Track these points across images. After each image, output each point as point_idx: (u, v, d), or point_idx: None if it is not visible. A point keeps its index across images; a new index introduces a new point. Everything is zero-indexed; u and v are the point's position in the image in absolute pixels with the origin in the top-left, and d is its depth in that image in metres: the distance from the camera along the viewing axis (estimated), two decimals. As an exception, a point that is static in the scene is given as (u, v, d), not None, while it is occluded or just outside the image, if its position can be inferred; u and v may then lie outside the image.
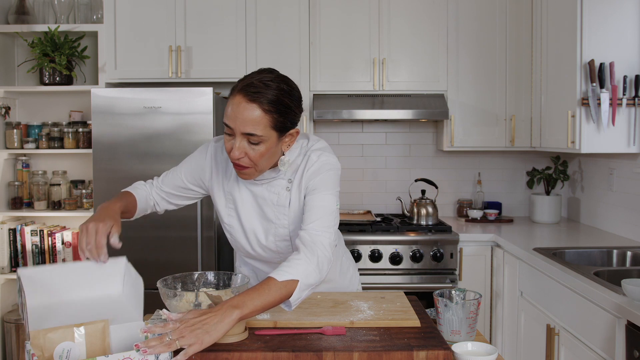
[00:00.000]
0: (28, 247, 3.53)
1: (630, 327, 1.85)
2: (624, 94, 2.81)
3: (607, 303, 1.97)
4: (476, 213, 3.68)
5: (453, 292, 1.50)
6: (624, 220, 3.08)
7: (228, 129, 1.53)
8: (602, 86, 2.80)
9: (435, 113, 3.44)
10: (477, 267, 3.28)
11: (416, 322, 1.47)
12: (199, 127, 3.14)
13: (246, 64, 3.46)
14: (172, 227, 3.16)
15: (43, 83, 3.59)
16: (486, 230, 3.40)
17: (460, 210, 3.88)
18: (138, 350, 1.17)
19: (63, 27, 3.51)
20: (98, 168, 3.20)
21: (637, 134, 2.84)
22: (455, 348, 1.32)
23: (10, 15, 3.60)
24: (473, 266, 3.28)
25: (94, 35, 3.61)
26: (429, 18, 3.54)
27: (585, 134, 2.87)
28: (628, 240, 2.98)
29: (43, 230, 3.54)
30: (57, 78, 3.57)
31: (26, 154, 3.76)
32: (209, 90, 3.15)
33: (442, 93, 3.56)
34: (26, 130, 3.67)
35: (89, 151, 3.46)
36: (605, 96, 2.79)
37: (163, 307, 1.60)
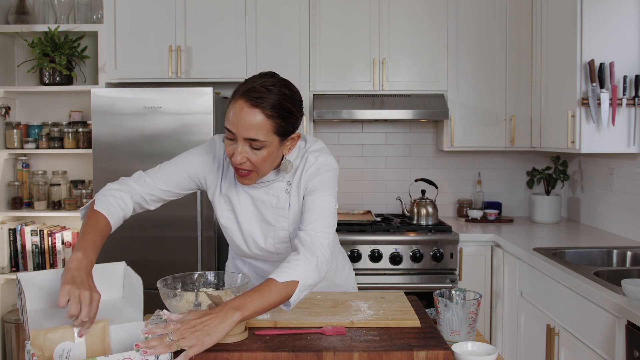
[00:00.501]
0: (28, 247, 3.53)
1: (630, 327, 1.85)
2: (624, 94, 2.81)
3: (607, 303, 1.97)
4: (476, 213, 3.68)
5: (453, 292, 1.50)
6: (624, 220, 3.07)
7: (230, 134, 1.52)
8: (602, 86, 2.80)
9: (435, 113, 3.44)
10: (477, 267, 3.28)
11: (416, 322, 1.47)
12: (199, 127, 3.14)
13: (246, 64, 3.46)
14: (172, 227, 3.16)
15: (43, 83, 3.59)
16: (486, 230, 3.40)
17: (460, 210, 3.88)
18: (138, 350, 1.17)
19: (63, 27, 3.51)
20: (98, 168, 3.20)
21: (637, 134, 2.84)
22: (455, 348, 1.32)
23: (10, 15, 3.60)
24: (473, 266, 3.28)
25: (94, 35, 3.61)
26: (429, 18, 3.54)
27: (585, 134, 2.87)
28: (628, 240, 2.98)
29: (43, 230, 3.54)
30: (57, 78, 3.57)
31: (26, 154, 3.76)
32: (209, 90, 3.15)
33: (442, 93, 3.56)
34: (26, 130, 3.67)
35: (89, 151, 3.46)
36: (605, 96, 2.79)
37: (163, 307, 1.60)
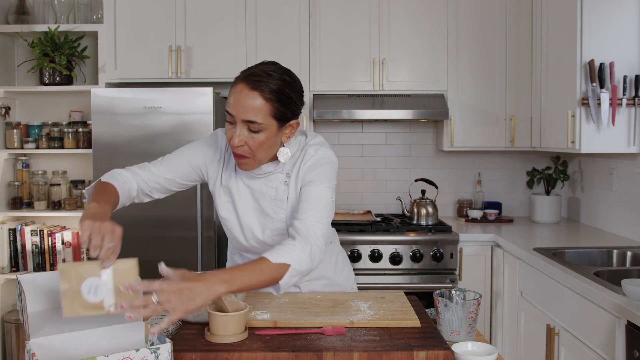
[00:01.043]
0: (28, 247, 3.53)
1: (630, 327, 1.85)
2: (624, 94, 2.81)
3: (607, 303, 1.97)
4: (476, 213, 3.68)
5: (453, 292, 1.50)
6: (624, 220, 3.07)
7: (229, 117, 1.55)
8: (602, 86, 2.80)
9: (435, 113, 3.44)
10: (477, 267, 3.28)
11: (416, 322, 1.47)
12: (199, 127, 3.14)
13: (246, 64, 3.46)
14: (172, 227, 3.16)
15: (43, 83, 3.59)
16: (486, 230, 3.40)
17: (460, 210, 3.88)
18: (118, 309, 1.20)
19: (63, 27, 3.51)
20: (98, 168, 3.20)
21: (637, 134, 2.84)
22: (455, 348, 1.32)
23: (10, 15, 3.60)
24: (473, 266, 3.28)
25: (94, 35, 3.61)
26: (429, 18, 3.54)
27: (585, 134, 2.87)
28: (628, 240, 2.98)
29: (43, 230, 3.54)
30: (57, 78, 3.57)
31: (26, 154, 3.76)
32: (209, 90, 3.15)
33: (442, 93, 3.56)
34: (26, 130, 3.67)
35: (89, 151, 3.46)
36: (605, 96, 2.79)
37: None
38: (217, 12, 3.46)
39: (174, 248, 3.15)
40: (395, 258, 3.22)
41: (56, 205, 3.61)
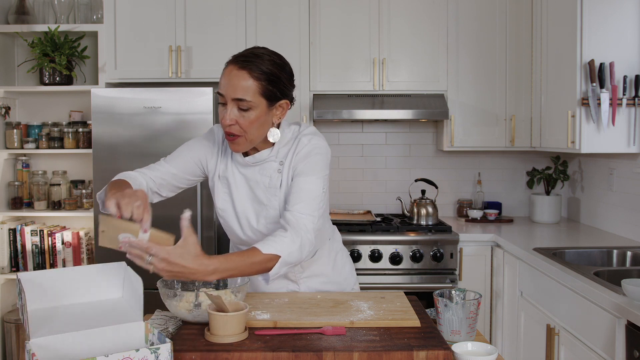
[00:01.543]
0: (28, 247, 3.53)
1: (630, 327, 1.85)
2: (624, 94, 2.81)
3: (607, 303, 1.97)
4: (476, 213, 3.68)
5: (453, 292, 1.50)
6: (624, 220, 3.07)
7: (221, 98, 1.61)
8: (602, 86, 2.80)
9: (435, 113, 3.44)
10: (477, 267, 3.28)
11: (416, 322, 1.47)
12: (199, 127, 3.14)
13: (246, 64, 3.46)
14: (172, 227, 3.14)
15: (43, 83, 3.59)
16: (486, 230, 3.40)
17: (460, 210, 3.88)
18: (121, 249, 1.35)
19: (63, 27, 3.51)
20: (98, 168, 3.20)
21: (637, 134, 2.84)
22: (455, 348, 1.32)
23: (10, 15, 3.60)
24: (473, 266, 3.28)
25: (94, 35, 3.61)
26: (429, 18, 3.55)
27: (585, 134, 2.87)
28: (628, 240, 2.98)
29: (43, 230, 3.54)
30: (57, 78, 3.57)
31: (26, 154, 3.76)
32: (209, 90, 3.15)
33: (442, 93, 3.56)
34: (26, 130, 3.67)
35: (89, 151, 3.46)
36: (605, 96, 2.79)
37: (163, 308, 1.61)
38: (217, 12, 3.47)
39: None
40: (395, 258, 3.22)
41: (56, 205, 3.61)
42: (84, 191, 3.60)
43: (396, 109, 3.44)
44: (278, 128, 1.70)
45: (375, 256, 3.22)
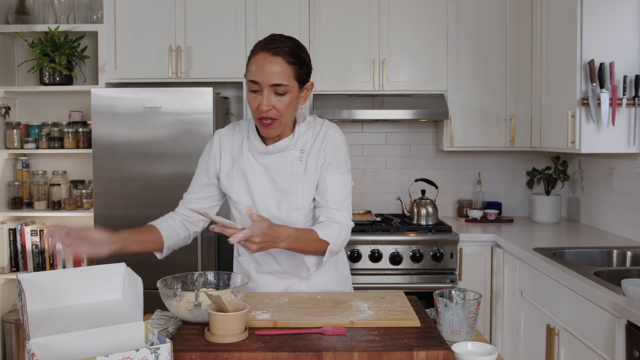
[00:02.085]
0: (28, 247, 3.53)
1: (630, 327, 1.85)
2: (624, 94, 2.81)
3: (607, 303, 1.97)
4: (476, 213, 3.68)
5: (453, 292, 1.50)
6: (624, 220, 3.07)
7: (254, 85, 1.66)
8: (602, 86, 2.80)
9: (435, 113, 3.44)
10: (477, 267, 3.28)
11: (416, 322, 1.47)
12: (199, 127, 3.14)
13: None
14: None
15: (43, 83, 3.59)
16: (486, 230, 3.40)
17: (460, 210, 3.88)
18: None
19: (63, 27, 3.51)
20: (98, 168, 3.20)
21: (637, 134, 2.84)
22: (455, 348, 1.32)
23: (10, 15, 3.60)
24: (473, 266, 3.27)
25: (94, 35, 3.61)
26: (429, 18, 3.54)
27: (585, 134, 2.87)
28: (628, 240, 2.98)
29: (43, 230, 3.54)
30: (57, 78, 3.57)
31: (26, 154, 3.76)
32: (209, 90, 3.15)
33: (442, 93, 3.56)
34: (26, 130, 3.67)
35: (89, 151, 3.45)
36: (605, 96, 2.79)
37: (163, 308, 1.61)
38: (217, 12, 3.46)
39: (174, 248, 3.15)
40: (395, 258, 3.21)
41: (56, 205, 3.61)
42: (84, 191, 3.60)
43: (396, 109, 3.44)
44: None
45: (375, 256, 3.22)
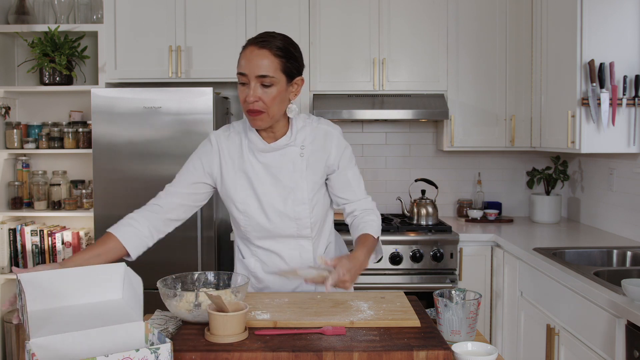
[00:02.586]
0: (28, 247, 3.53)
1: (630, 327, 1.85)
2: (624, 94, 2.81)
3: (607, 303, 1.97)
4: (476, 213, 3.68)
5: (453, 292, 1.50)
6: (624, 220, 3.07)
7: (242, 78, 1.69)
8: (602, 86, 2.80)
9: (435, 113, 3.44)
10: (477, 267, 3.28)
11: (416, 322, 1.47)
12: (199, 127, 3.14)
13: (246, 64, 3.46)
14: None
15: (43, 83, 3.59)
16: (486, 230, 3.40)
17: (460, 210, 3.88)
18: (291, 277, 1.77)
19: (63, 27, 3.51)
20: (98, 168, 3.20)
21: (637, 134, 2.84)
22: (455, 348, 1.32)
23: (10, 15, 3.60)
24: (473, 266, 3.27)
25: (94, 35, 3.61)
26: (429, 18, 3.54)
27: (585, 134, 2.87)
28: (628, 240, 2.98)
29: (43, 230, 3.54)
30: (57, 78, 3.57)
31: (26, 154, 3.76)
32: (209, 90, 3.15)
33: (442, 93, 3.56)
34: (26, 130, 3.67)
35: (89, 151, 3.46)
36: (605, 96, 2.79)
37: (163, 308, 1.61)
38: (217, 12, 3.46)
39: (174, 248, 3.15)
40: (395, 258, 3.21)
41: (56, 205, 3.61)
42: (84, 191, 3.60)
43: (396, 109, 3.44)
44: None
45: (375, 256, 3.21)
